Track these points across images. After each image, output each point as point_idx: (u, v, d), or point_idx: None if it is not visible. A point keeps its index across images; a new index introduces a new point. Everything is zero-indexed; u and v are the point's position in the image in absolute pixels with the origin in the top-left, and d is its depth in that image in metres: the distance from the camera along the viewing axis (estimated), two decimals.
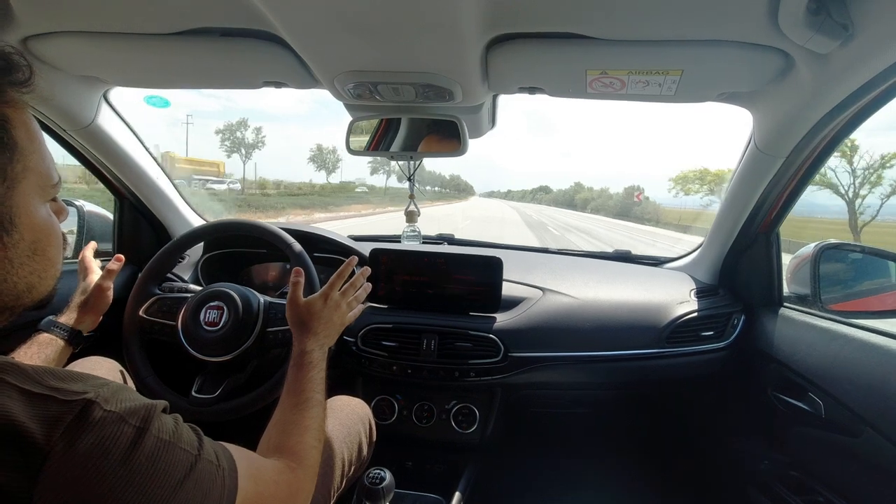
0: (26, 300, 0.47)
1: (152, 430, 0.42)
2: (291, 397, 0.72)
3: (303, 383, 0.74)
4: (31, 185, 0.45)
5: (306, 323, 0.83)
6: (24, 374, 0.39)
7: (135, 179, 1.35)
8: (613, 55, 0.84)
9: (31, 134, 0.46)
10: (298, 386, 0.74)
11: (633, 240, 20.56)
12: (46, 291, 0.49)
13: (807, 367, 1.04)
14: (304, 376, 0.75)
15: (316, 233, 1.43)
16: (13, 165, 0.43)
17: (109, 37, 0.87)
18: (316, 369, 0.77)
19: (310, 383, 0.75)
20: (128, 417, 0.40)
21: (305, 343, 0.80)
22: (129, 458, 0.39)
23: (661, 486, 1.47)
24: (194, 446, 0.45)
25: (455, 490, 1.18)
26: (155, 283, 1.14)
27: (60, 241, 0.50)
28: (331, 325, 0.85)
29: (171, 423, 0.45)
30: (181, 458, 0.43)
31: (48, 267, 0.48)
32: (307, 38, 0.82)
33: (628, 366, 1.25)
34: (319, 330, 0.83)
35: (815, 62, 0.77)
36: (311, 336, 0.81)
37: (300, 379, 0.75)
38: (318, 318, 0.84)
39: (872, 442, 0.87)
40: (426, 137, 1.14)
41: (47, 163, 0.48)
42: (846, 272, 1.20)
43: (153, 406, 0.44)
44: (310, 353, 0.79)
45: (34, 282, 0.47)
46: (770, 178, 1.11)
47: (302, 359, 0.78)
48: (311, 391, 0.74)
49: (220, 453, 0.49)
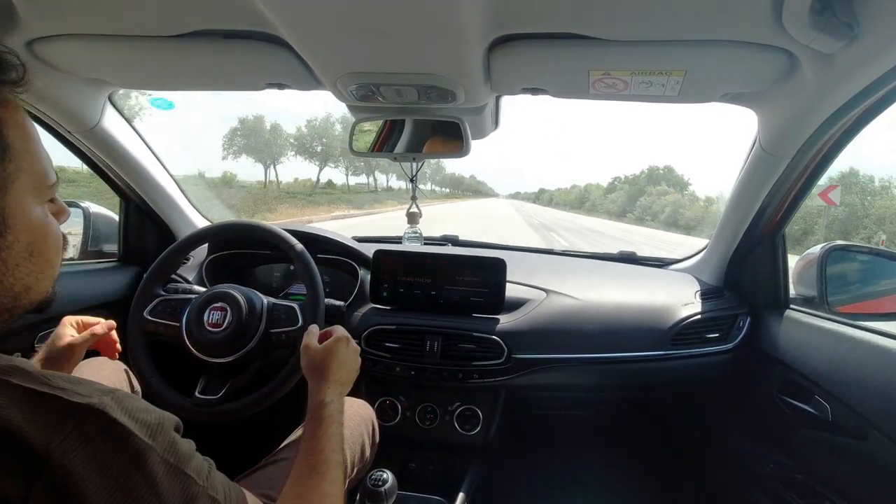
0: (24, 302, 0.47)
1: (157, 449, 0.40)
2: (308, 458, 0.66)
3: (321, 442, 0.67)
4: (24, 185, 0.44)
5: (324, 370, 0.76)
6: (29, 376, 0.39)
7: (140, 181, 1.36)
8: (616, 56, 0.83)
9: (25, 134, 0.45)
10: (316, 444, 0.67)
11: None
12: (45, 293, 0.49)
13: (813, 369, 1.03)
14: (323, 433, 0.68)
15: (319, 234, 1.43)
16: (5, 166, 0.42)
17: (113, 39, 0.88)
18: (335, 424, 0.71)
19: (329, 441, 0.68)
20: (133, 430, 0.39)
21: (324, 393, 0.73)
22: (128, 475, 0.38)
23: (664, 489, 1.46)
24: (202, 476, 0.43)
25: (458, 492, 1.18)
26: (159, 284, 1.15)
27: (59, 242, 0.50)
28: (351, 370, 0.81)
29: (182, 444, 0.43)
30: (183, 486, 0.41)
31: (46, 268, 0.48)
32: (309, 40, 0.82)
33: (632, 368, 1.24)
34: (339, 377, 0.77)
35: (820, 62, 0.77)
36: (330, 385, 0.75)
37: (317, 436, 0.68)
38: (339, 363, 0.78)
39: (879, 445, 0.86)
40: (429, 139, 1.14)
41: (43, 163, 0.47)
42: (854, 274, 1.19)
43: (161, 421, 0.42)
44: (328, 406, 0.72)
45: (31, 283, 0.46)
46: (775, 180, 1.10)
47: (320, 412, 0.71)
48: (329, 450, 0.67)
49: (233, 496, 0.46)
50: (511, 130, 35.78)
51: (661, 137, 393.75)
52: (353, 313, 1.30)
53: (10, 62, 0.44)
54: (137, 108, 6.95)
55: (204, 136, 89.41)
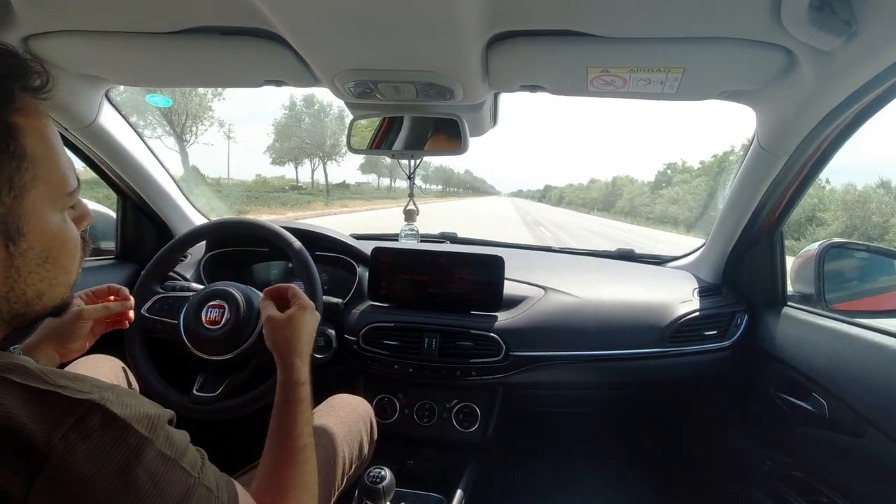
0: (37, 307, 0.46)
1: (155, 442, 0.40)
2: (283, 443, 0.63)
3: (297, 427, 0.65)
4: (41, 193, 0.43)
5: (293, 343, 0.74)
6: (29, 374, 0.39)
7: (137, 178, 1.36)
8: (614, 53, 0.83)
9: (46, 142, 0.44)
10: (292, 431, 0.64)
11: None
12: (59, 299, 0.48)
13: (810, 366, 1.03)
14: (298, 419, 0.66)
15: (317, 231, 1.43)
16: (21, 175, 0.42)
17: (110, 35, 0.88)
18: (305, 403, 0.68)
19: (306, 426, 0.66)
20: (133, 424, 0.39)
21: (298, 371, 0.71)
22: (128, 468, 0.38)
23: (662, 486, 1.47)
24: (196, 468, 0.43)
25: (456, 489, 1.18)
26: (157, 281, 1.15)
27: (76, 249, 0.49)
28: (311, 336, 0.79)
29: (178, 437, 0.44)
30: (180, 478, 0.41)
31: (60, 274, 0.47)
32: (307, 37, 0.82)
33: (630, 365, 1.24)
34: (305, 347, 0.75)
35: (819, 59, 0.77)
36: (300, 357, 0.73)
37: (293, 422, 0.65)
38: (306, 333, 0.76)
39: (876, 442, 0.86)
40: (427, 136, 1.13)
41: (63, 171, 0.46)
42: (851, 271, 1.19)
43: (159, 415, 0.43)
44: (303, 387, 0.70)
45: (44, 289, 0.46)
46: (773, 177, 1.10)
47: (295, 393, 0.68)
48: (306, 436, 0.65)
49: (223, 486, 0.47)
50: (514, 124, 34.04)
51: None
52: (352, 311, 1.30)
53: (33, 69, 0.43)
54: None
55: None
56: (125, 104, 1.24)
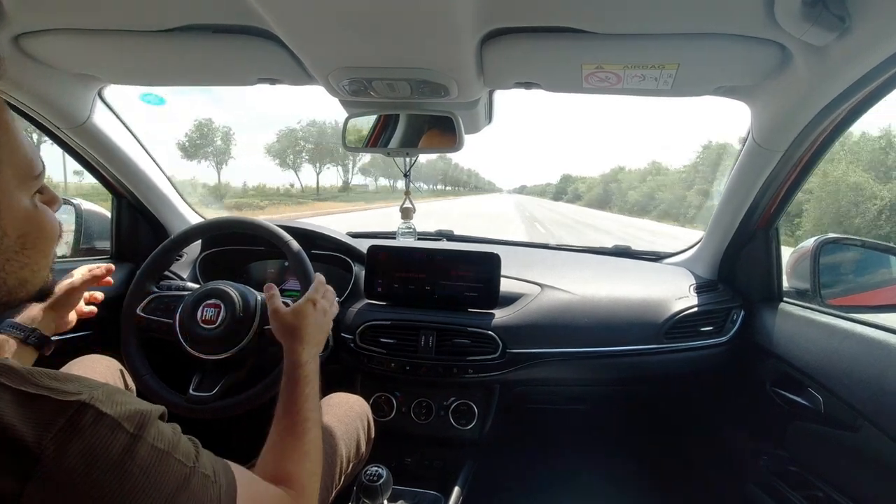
0: (21, 294, 0.46)
1: (147, 438, 0.41)
2: (287, 418, 0.67)
3: (299, 402, 0.69)
4: (8, 178, 0.43)
5: (296, 330, 0.77)
6: (18, 376, 0.39)
7: (132, 177, 1.35)
8: (609, 49, 0.83)
9: (4, 126, 0.43)
10: (294, 406, 0.69)
11: None
12: (41, 284, 0.48)
13: (806, 362, 1.03)
14: (300, 394, 0.70)
15: (313, 230, 1.43)
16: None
17: (102, 34, 0.87)
18: (311, 384, 0.72)
19: (306, 402, 0.70)
20: (122, 422, 0.40)
21: (299, 353, 0.75)
22: (121, 465, 0.38)
23: (659, 482, 1.47)
24: (190, 458, 0.44)
25: (453, 486, 1.18)
26: (152, 280, 1.14)
27: (53, 232, 0.49)
28: (320, 330, 0.81)
29: (168, 431, 0.44)
30: (175, 469, 0.42)
31: (40, 259, 0.47)
32: (300, 35, 0.81)
33: (627, 361, 1.24)
34: (310, 337, 0.78)
35: (813, 55, 0.77)
36: (303, 345, 0.76)
37: (296, 397, 0.70)
38: (308, 323, 0.79)
39: (871, 437, 0.87)
40: (422, 133, 1.13)
41: (25, 153, 0.45)
42: (846, 266, 1.19)
43: (149, 411, 0.43)
44: (304, 366, 0.74)
45: (27, 276, 0.46)
46: (769, 173, 1.10)
47: (296, 372, 0.72)
48: (308, 410, 0.69)
49: (220, 470, 0.47)
50: (512, 122, 33.36)
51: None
52: (348, 309, 1.30)
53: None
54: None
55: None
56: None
